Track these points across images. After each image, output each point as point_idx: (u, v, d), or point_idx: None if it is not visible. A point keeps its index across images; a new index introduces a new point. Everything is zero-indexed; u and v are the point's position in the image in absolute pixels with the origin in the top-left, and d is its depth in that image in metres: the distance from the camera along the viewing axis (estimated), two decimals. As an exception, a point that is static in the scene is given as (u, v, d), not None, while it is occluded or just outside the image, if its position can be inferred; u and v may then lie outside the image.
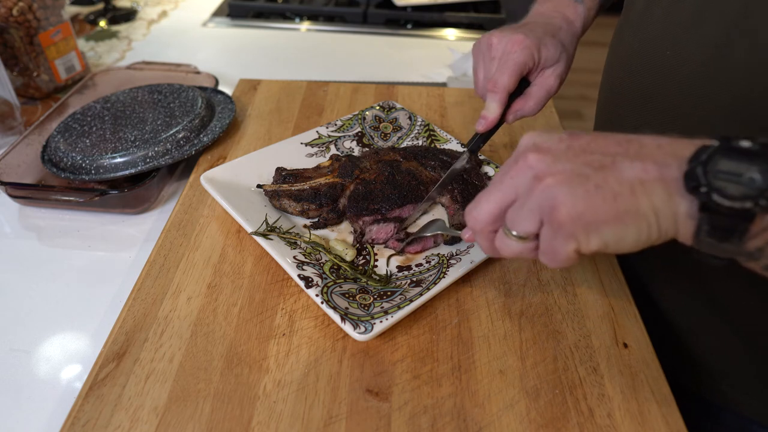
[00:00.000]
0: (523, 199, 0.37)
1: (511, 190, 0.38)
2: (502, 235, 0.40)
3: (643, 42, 0.53)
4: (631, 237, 0.34)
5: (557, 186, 0.34)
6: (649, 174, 0.33)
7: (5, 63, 0.85)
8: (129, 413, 0.44)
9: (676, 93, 0.50)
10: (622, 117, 0.58)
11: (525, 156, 0.36)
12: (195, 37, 1.15)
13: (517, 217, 0.38)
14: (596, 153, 0.35)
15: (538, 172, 0.35)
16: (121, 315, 0.52)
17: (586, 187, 0.34)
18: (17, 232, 0.66)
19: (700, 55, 0.47)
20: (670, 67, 0.50)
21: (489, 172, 0.68)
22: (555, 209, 0.34)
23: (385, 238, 0.60)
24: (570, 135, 0.37)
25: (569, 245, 0.35)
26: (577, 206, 0.34)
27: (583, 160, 0.35)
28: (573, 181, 0.34)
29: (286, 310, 0.53)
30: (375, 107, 0.79)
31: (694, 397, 0.58)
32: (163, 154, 0.68)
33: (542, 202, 0.35)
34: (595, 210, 0.34)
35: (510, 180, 0.37)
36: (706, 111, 0.47)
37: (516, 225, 0.38)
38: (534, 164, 0.36)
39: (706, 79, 0.47)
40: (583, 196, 0.34)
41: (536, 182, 0.35)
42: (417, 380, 0.47)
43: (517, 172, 0.37)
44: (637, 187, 0.33)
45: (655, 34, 0.51)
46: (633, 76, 0.55)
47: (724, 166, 0.31)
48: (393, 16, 1.21)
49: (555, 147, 0.36)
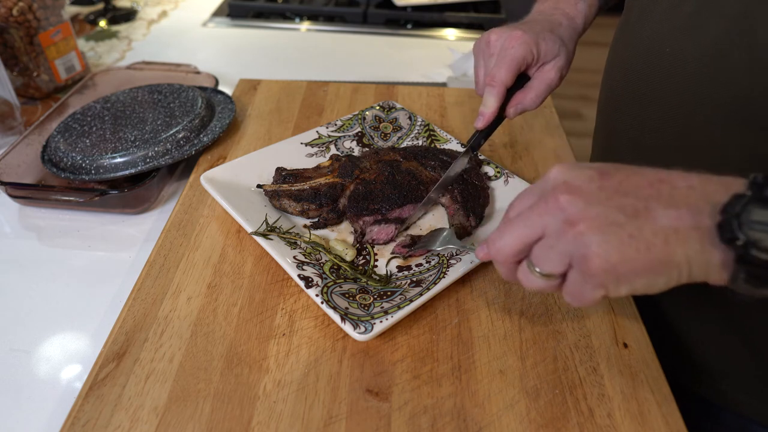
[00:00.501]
0: (553, 240, 0.36)
1: (539, 227, 0.37)
2: (525, 269, 0.39)
3: (643, 42, 0.53)
4: (661, 284, 0.34)
5: (590, 234, 0.34)
6: (683, 222, 0.33)
7: (5, 63, 0.85)
8: (129, 413, 0.44)
9: (675, 93, 0.50)
10: (621, 117, 0.58)
11: (555, 196, 0.35)
12: (195, 37, 1.15)
13: (545, 257, 0.37)
14: (629, 196, 0.34)
15: (569, 216, 0.34)
16: (121, 315, 0.52)
17: (620, 236, 0.33)
18: (17, 232, 0.66)
19: (699, 55, 0.47)
20: (670, 67, 0.50)
21: (489, 172, 0.68)
22: (587, 259, 0.34)
23: (386, 239, 0.60)
24: (601, 174, 0.36)
25: (598, 292, 0.35)
26: (610, 258, 0.33)
27: (616, 204, 0.34)
28: (606, 229, 0.33)
29: (286, 310, 0.53)
30: (375, 107, 0.79)
31: (694, 397, 0.58)
32: (163, 154, 0.68)
33: (574, 249, 0.35)
34: (629, 261, 0.33)
35: (538, 217, 0.36)
36: (707, 111, 0.47)
37: (542, 264, 0.37)
38: (566, 206, 0.35)
39: (706, 79, 0.47)
40: (617, 247, 0.33)
41: (568, 227, 0.35)
42: (417, 380, 0.47)
43: (547, 211, 0.36)
44: (671, 237, 0.33)
45: (655, 34, 0.51)
46: (633, 77, 0.55)
47: (759, 216, 0.31)
48: (393, 16, 1.21)
49: (586, 187, 0.35)
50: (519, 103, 0.60)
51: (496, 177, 0.68)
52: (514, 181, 0.66)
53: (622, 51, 0.57)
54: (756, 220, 0.31)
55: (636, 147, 0.56)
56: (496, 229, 0.40)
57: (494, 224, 0.62)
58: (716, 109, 0.47)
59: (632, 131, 0.56)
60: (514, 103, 0.60)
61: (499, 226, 0.41)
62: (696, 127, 0.49)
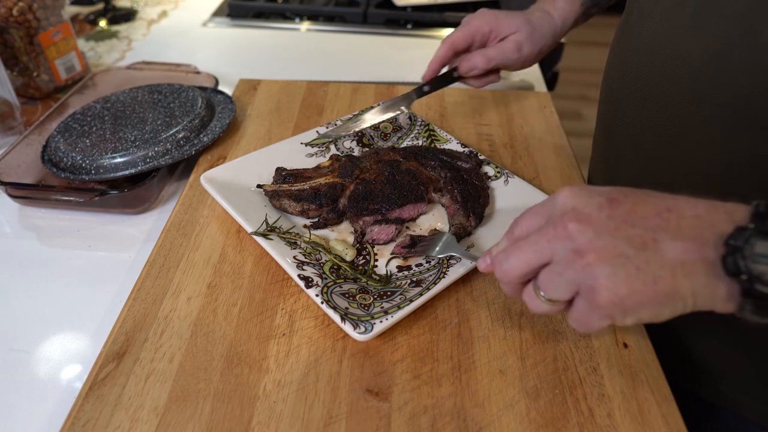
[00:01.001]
0: (561, 268, 0.36)
1: (547, 253, 0.37)
2: (531, 292, 0.39)
3: (644, 42, 0.53)
4: (666, 314, 0.35)
5: (599, 266, 0.34)
6: (689, 255, 0.33)
7: (5, 63, 0.85)
8: (129, 413, 0.44)
9: (675, 93, 0.50)
10: (621, 116, 0.58)
11: (564, 223, 0.36)
12: (195, 37, 1.15)
13: (552, 284, 0.37)
14: (637, 226, 0.34)
15: (578, 246, 0.35)
16: (121, 315, 0.52)
17: (628, 269, 0.34)
18: (17, 232, 0.66)
19: (700, 55, 0.47)
20: (670, 67, 0.50)
21: (489, 172, 0.68)
22: (595, 291, 0.34)
23: (386, 239, 0.60)
24: (610, 202, 0.36)
25: (604, 322, 0.36)
26: (618, 291, 0.34)
27: (624, 235, 0.34)
28: (615, 261, 0.34)
29: (286, 310, 0.53)
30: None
31: (694, 398, 0.58)
32: (163, 154, 0.69)
33: (582, 280, 0.35)
34: (636, 294, 0.34)
35: (547, 243, 0.37)
36: (706, 111, 0.47)
37: (549, 290, 0.37)
38: (575, 235, 0.35)
39: (706, 79, 0.47)
40: (625, 280, 0.34)
41: (576, 257, 0.35)
42: (417, 380, 0.47)
43: (555, 237, 0.36)
44: (677, 270, 0.33)
45: (655, 34, 0.51)
46: (632, 76, 0.55)
47: (763, 249, 0.31)
48: (393, 16, 1.21)
49: (596, 216, 0.35)
50: (466, 59, 0.67)
51: (496, 177, 0.68)
52: (514, 181, 0.66)
53: (622, 50, 0.58)
54: (760, 253, 0.31)
55: (636, 146, 0.56)
56: (503, 249, 0.40)
57: (494, 224, 0.62)
58: (716, 108, 0.47)
59: (631, 129, 0.56)
60: (465, 59, 0.67)
61: (506, 244, 0.41)
62: (696, 127, 0.49)
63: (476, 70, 0.67)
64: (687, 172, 0.51)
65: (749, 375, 0.54)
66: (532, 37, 0.66)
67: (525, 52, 0.66)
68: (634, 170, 0.58)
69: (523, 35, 0.65)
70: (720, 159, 0.48)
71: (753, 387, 0.55)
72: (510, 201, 0.64)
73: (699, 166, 0.50)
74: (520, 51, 0.66)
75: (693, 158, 0.50)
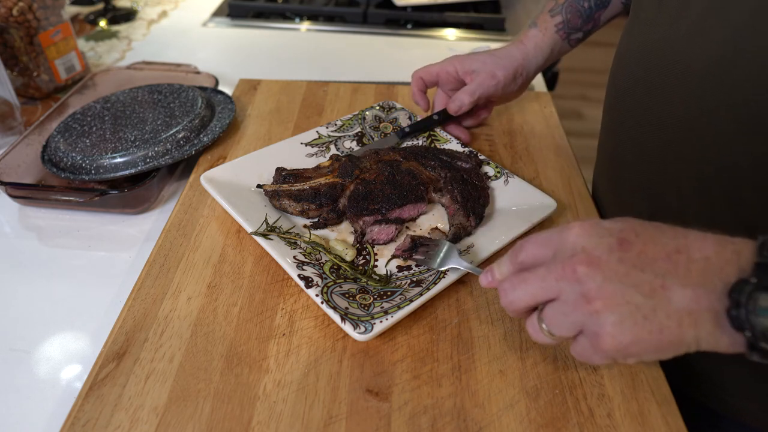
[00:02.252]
0: (567, 309, 0.36)
1: (554, 291, 0.37)
2: (535, 324, 0.40)
3: (648, 47, 0.53)
4: (668, 356, 0.35)
5: (606, 313, 0.34)
6: (697, 304, 0.33)
7: (5, 63, 0.85)
8: (129, 413, 0.44)
9: (680, 98, 0.50)
10: (625, 120, 0.58)
11: (573, 265, 0.36)
12: (195, 37, 1.15)
13: (557, 322, 0.38)
14: (647, 270, 0.35)
15: (587, 291, 0.35)
16: (121, 315, 0.52)
17: (635, 317, 0.34)
18: (17, 232, 0.66)
19: (705, 61, 0.47)
20: (674, 72, 0.50)
21: (489, 172, 0.68)
22: (600, 337, 0.35)
23: (386, 239, 0.60)
24: (620, 243, 0.36)
25: (605, 361, 0.37)
26: (623, 339, 0.34)
27: (633, 281, 0.34)
28: (622, 309, 0.34)
29: (286, 310, 0.53)
30: (375, 107, 0.79)
31: (695, 405, 0.58)
32: (163, 154, 0.69)
33: (587, 325, 0.36)
34: (640, 342, 0.34)
35: (555, 282, 0.37)
36: (711, 116, 0.47)
37: (553, 328, 0.38)
38: (584, 279, 0.35)
39: (711, 85, 0.46)
40: (631, 328, 0.34)
41: (584, 301, 0.35)
42: (417, 380, 0.47)
43: (564, 278, 0.36)
44: (684, 319, 0.33)
45: (660, 40, 0.51)
46: (636, 81, 0.55)
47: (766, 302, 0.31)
48: (393, 16, 1.21)
49: (605, 259, 0.35)
50: (454, 101, 0.71)
51: (496, 177, 0.68)
52: (514, 181, 0.66)
53: (627, 55, 0.58)
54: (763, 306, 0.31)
55: (640, 150, 0.56)
56: (509, 279, 0.40)
57: (494, 224, 0.62)
58: (720, 114, 0.46)
59: (634, 132, 0.56)
60: (451, 101, 0.72)
61: (509, 267, 0.42)
62: (700, 131, 0.49)
63: (464, 106, 0.71)
64: (691, 175, 0.51)
65: (751, 382, 0.54)
66: (500, 63, 0.71)
67: (500, 76, 0.70)
68: (637, 174, 0.58)
69: (489, 64, 0.71)
70: (724, 162, 0.48)
71: (754, 393, 0.54)
72: (510, 201, 0.65)
73: (703, 168, 0.50)
74: (495, 77, 0.70)
75: (697, 161, 0.50)
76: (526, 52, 0.73)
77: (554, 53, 0.74)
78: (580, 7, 0.72)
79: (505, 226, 0.61)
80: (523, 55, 0.72)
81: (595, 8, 0.72)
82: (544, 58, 0.73)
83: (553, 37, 0.73)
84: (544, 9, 0.75)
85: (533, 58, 0.73)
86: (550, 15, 0.73)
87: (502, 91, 0.72)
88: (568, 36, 0.73)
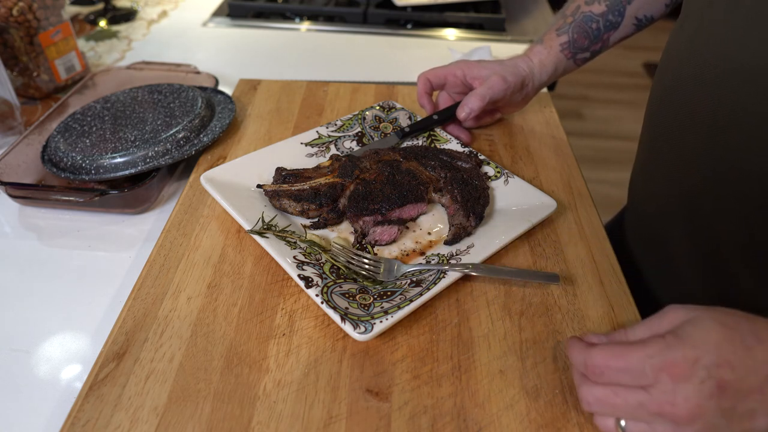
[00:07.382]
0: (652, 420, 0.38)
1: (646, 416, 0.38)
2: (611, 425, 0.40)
3: (691, 50, 0.53)
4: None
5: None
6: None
7: (5, 63, 0.85)
8: (129, 413, 0.44)
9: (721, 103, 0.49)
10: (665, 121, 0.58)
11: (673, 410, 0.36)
12: (195, 37, 1.15)
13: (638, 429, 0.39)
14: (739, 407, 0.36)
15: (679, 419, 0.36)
16: (121, 315, 0.52)
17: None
18: (17, 232, 0.66)
19: (750, 68, 0.46)
20: (720, 74, 0.49)
21: (489, 172, 0.68)
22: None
23: (389, 240, 0.60)
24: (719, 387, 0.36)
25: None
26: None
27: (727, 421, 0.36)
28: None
29: (286, 310, 0.53)
30: (375, 107, 0.79)
31: None
32: (163, 154, 0.69)
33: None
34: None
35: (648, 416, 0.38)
36: (753, 124, 0.47)
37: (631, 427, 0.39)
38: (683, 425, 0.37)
39: (755, 91, 0.46)
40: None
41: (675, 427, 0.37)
42: (417, 380, 0.47)
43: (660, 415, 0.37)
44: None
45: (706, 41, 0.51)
46: (681, 83, 0.55)
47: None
48: (393, 16, 1.21)
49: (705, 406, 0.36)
50: (463, 107, 0.71)
51: (496, 177, 0.68)
52: (514, 181, 0.66)
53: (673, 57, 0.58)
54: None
55: (679, 153, 0.57)
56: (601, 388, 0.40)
57: (494, 224, 0.62)
58: (762, 122, 0.46)
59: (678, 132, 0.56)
60: (460, 108, 0.72)
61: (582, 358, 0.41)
62: (743, 140, 0.48)
63: (473, 112, 0.71)
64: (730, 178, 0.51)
65: None
66: (509, 70, 0.71)
67: (510, 80, 0.70)
68: (676, 172, 0.58)
69: (499, 70, 0.71)
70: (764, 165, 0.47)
71: None
72: (510, 201, 0.65)
73: (744, 168, 0.49)
74: (506, 81, 0.70)
75: (738, 162, 0.49)
76: (532, 67, 0.73)
77: (558, 71, 0.74)
78: (588, 27, 0.71)
79: (505, 226, 0.61)
80: (529, 69, 0.73)
81: (604, 30, 0.71)
82: (548, 75, 0.74)
83: (557, 55, 0.73)
84: (552, 25, 0.74)
85: (538, 74, 0.73)
86: (556, 33, 0.73)
87: (510, 97, 0.72)
88: (574, 55, 0.73)
